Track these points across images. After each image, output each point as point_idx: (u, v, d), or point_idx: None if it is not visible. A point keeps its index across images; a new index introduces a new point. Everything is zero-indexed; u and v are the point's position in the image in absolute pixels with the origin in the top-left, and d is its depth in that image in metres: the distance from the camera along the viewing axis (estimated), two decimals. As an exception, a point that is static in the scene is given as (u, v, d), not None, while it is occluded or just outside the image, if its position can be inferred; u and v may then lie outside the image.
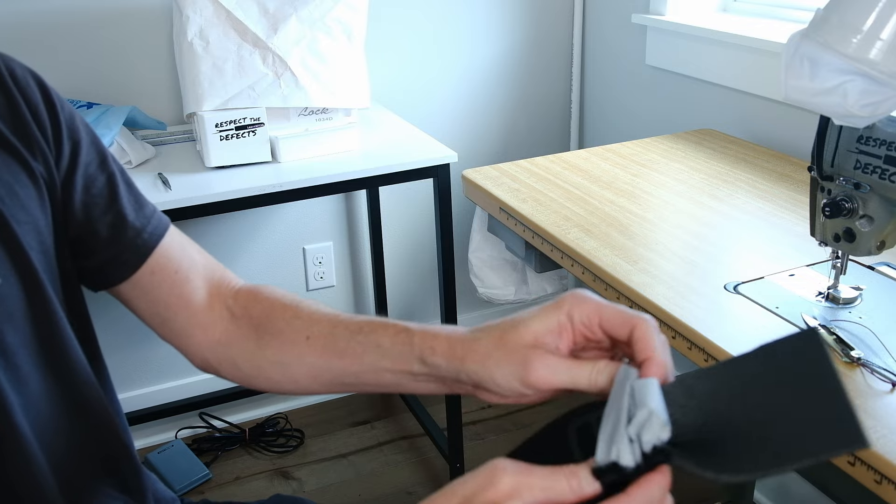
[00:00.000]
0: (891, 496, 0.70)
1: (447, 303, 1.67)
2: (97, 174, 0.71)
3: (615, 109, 2.06)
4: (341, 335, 0.69)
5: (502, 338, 0.57)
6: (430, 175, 1.57)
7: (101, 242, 0.71)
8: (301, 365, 0.70)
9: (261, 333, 0.73)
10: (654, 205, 1.28)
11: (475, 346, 0.58)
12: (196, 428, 2.05)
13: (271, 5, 1.49)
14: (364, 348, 0.66)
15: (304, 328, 0.70)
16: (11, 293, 0.62)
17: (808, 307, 0.95)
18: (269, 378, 0.73)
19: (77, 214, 0.70)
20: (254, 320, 0.74)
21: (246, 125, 1.49)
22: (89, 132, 0.72)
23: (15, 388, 0.61)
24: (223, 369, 0.75)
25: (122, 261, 0.72)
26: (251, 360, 0.73)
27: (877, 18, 0.74)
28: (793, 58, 0.79)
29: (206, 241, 1.91)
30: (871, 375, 0.81)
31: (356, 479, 1.91)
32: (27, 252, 0.63)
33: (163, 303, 0.74)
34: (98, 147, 0.72)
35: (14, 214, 0.62)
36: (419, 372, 0.63)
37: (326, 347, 0.69)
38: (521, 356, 0.56)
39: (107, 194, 0.71)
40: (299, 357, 0.70)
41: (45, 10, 1.64)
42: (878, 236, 0.89)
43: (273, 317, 0.73)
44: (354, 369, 0.67)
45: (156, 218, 0.74)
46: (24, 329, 0.63)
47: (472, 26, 2.02)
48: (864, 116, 0.77)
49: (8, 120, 0.65)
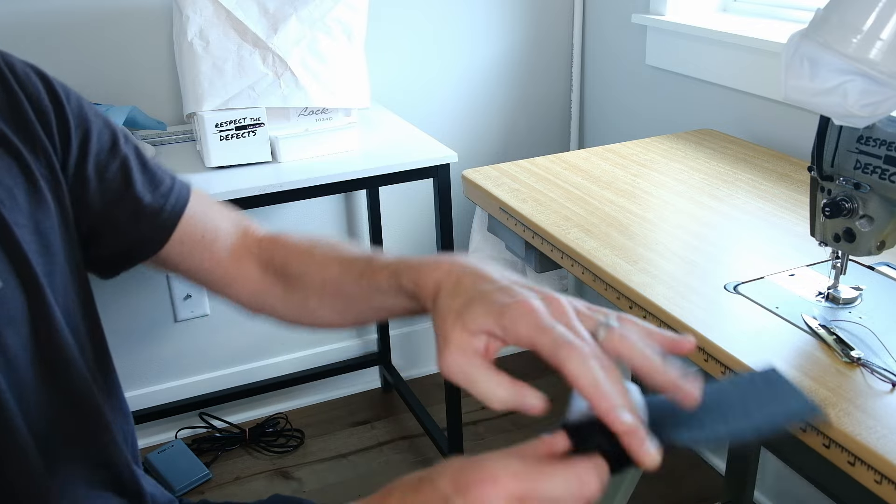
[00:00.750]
0: (891, 496, 0.70)
1: (447, 303, 1.67)
2: (109, 160, 0.71)
3: (615, 109, 2.06)
4: (347, 281, 0.71)
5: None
6: (430, 175, 1.57)
7: (121, 228, 0.72)
8: (323, 307, 0.74)
9: (286, 280, 0.76)
10: (654, 205, 1.28)
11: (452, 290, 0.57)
12: (196, 428, 2.05)
13: (271, 5, 1.49)
14: (368, 292, 0.68)
15: (319, 274, 0.73)
16: (12, 297, 0.62)
17: (808, 307, 0.95)
18: (307, 318, 0.77)
19: (94, 205, 0.70)
20: (278, 268, 0.76)
21: (246, 125, 1.49)
22: (99, 117, 0.72)
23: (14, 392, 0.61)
24: (267, 315, 0.79)
25: (146, 242, 0.74)
26: (286, 305, 0.77)
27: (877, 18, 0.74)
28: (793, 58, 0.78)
29: (206, 241, 1.91)
30: (871, 375, 0.81)
31: (356, 479, 1.91)
32: (27, 255, 0.63)
33: (196, 266, 0.77)
34: (110, 131, 0.72)
35: (14, 218, 0.62)
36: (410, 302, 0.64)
37: (340, 292, 0.72)
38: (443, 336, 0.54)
39: (121, 179, 0.72)
40: (321, 300, 0.74)
41: (45, 10, 1.64)
42: (878, 236, 0.89)
43: (292, 263, 0.75)
44: (367, 308, 0.71)
45: (175, 192, 0.75)
46: (24, 332, 0.63)
47: (472, 26, 2.02)
48: (864, 116, 0.77)
49: (9, 118, 0.64)
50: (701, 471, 1.89)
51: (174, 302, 1.94)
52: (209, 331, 2.01)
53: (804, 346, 0.88)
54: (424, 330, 2.26)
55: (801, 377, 0.82)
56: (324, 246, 0.75)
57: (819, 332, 0.89)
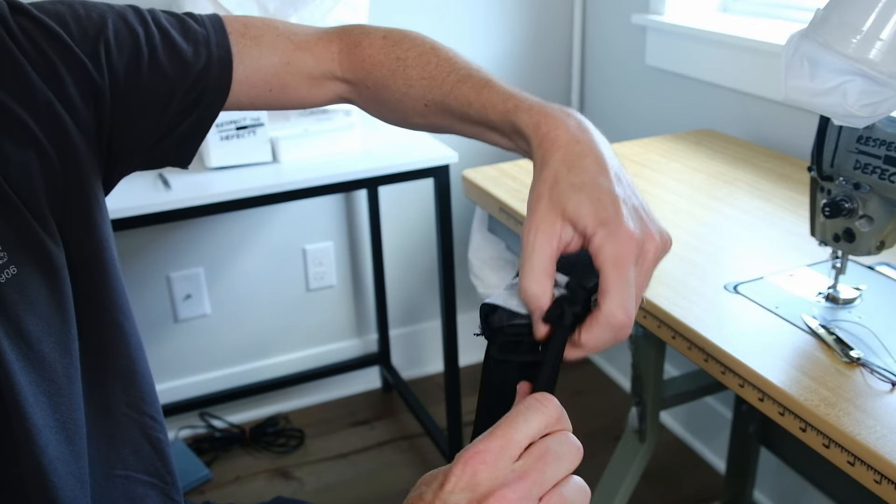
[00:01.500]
0: (891, 496, 0.70)
1: (447, 303, 1.67)
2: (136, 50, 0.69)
3: (615, 110, 2.06)
4: (453, 106, 0.71)
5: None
6: (430, 175, 1.57)
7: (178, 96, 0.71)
8: (422, 119, 0.75)
9: (381, 99, 0.76)
10: (654, 205, 1.27)
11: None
12: (196, 428, 2.05)
13: (271, 5, 1.49)
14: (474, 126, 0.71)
15: (421, 97, 0.73)
16: (31, 280, 0.61)
17: (807, 307, 0.95)
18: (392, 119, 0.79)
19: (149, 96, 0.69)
20: (370, 89, 0.77)
21: (246, 125, 1.49)
22: (103, 15, 0.69)
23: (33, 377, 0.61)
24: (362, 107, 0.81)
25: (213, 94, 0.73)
26: (378, 111, 0.79)
27: (877, 18, 0.74)
28: (793, 58, 0.79)
29: (207, 241, 1.91)
30: (871, 375, 0.82)
31: (356, 479, 1.91)
32: (43, 237, 0.62)
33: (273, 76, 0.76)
34: (120, 19, 0.69)
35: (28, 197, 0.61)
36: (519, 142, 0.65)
37: (443, 114, 0.72)
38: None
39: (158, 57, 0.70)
40: (422, 117, 0.75)
41: (45, 11, 1.64)
42: (877, 236, 0.89)
43: (388, 87, 0.75)
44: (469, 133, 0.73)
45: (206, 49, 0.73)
46: (46, 315, 0.62)
47: (471, 26, 2.02)
48: (864, 116, 0.77)
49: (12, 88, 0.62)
50: (701, 471, 1.89)
51: (174, 302, 1.94)
52: (209, 331, 2.01)
53: (804, 346, 0.88)
54: (424, 330, 2.26)
55: (801, 377, 0.82)
56: (418, 61, 0.74)
57: (819, 332, 0.89)
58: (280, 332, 2.10)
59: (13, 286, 0.60)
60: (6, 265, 0.59)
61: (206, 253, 1.93)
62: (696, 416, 1.93)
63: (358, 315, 2.19)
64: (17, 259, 0.60)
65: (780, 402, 0.81)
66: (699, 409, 1.90)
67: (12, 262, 0.60)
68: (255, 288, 2.02)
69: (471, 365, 2.31)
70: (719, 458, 1.86)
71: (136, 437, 0.73)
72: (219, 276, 1.97)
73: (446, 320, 1.69)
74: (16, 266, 0.60)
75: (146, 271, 1.90)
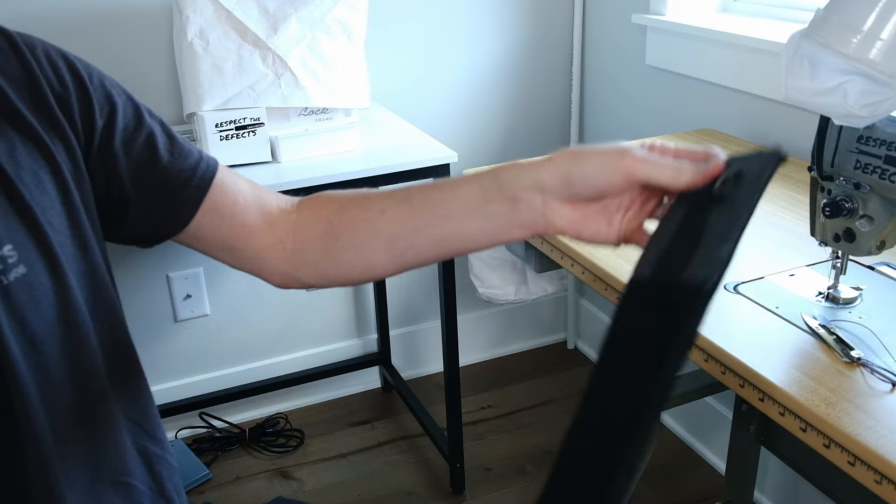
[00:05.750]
0: (891, 496, 0.70)
1: (447, 303, 1.67)
2: (136, 135, 0.71)
3: (615, 110, 2.06)
4: (415, 195, 0.71)
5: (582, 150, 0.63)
6: (430, 175, 1.57)
7: (153, 201, 0.72)
8: (375, 238, 0.72)
9: (332, 226, 0.75)
10: (654, 205, 1.28)
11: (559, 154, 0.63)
12: (196, 428, 2.05)
13: (271, 5, 1.49)
14: (439, 201, 0.69)
15: (379, 204, 0.73)
16: (38, 281, 0.62)
17: (808, 307, 0.95)
18: (347, 266, 0.75)
19: (124, 181, 0.70)
20: (323, 220, 0.76)
21: (246, 125, 1.49)
22: (123, 93, 0.72)
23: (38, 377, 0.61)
24: (303, 275, 0.77)
25: (178, 211, 0.73)
26: (327, 255, 0.75)
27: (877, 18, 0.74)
28: (793, 58, 0.78)
29: (206, 241, 1.91)
30: (871, 375, 0.82)
31: (356, 479, 1.91)
32: (51, 240, 0.63)
33: (229, 236, 0.76)
34: (133, 105, 0.72)
35: (39, 202, 0.62)
36: (494, 198, 0.65)
37: (401, 212, 0.71)
38: (614, 148, 0.60)
39: (148, 153, 0.71)
40: (374, 232, 0.72)
41: (45, 11, 1.64)
42: (878, 236, 0.89)
43: (345, 205, 0.76)
44: (428, 221, 0.70)
45: (203, 163, 0.75)
46: (50, 317, 0.63)
47: (472, 26, 2.02)
48: (864, 116, 0.77)
49: (29, 102, 0.64)
50: (701, 471, 1.89)
51: (174, 302, 1.94)
52: (209, 331, 2.01)
53: (804, 346, 0.88)
54: (424, 330, 2.26)
55: (801, 377, 0.82)
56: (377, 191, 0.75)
57: (819, 332, 0.89)
58: (280, 332, 2.10)
59: (21, 286, 0.60)
60: (16, 264, 0.60)
61: (206, 253, 1.93)
62: (696, 416, 1.93)
63: (358, 315, 2.19)
64: (26, 259, 0.61)
65: (781, 402, 0.81)
66: (699, 409, 1.90)
67: (22, 261, 0.60)
68: (255, 288, 2.02)
69: (471, 365, 2.32)
70: (719, 458, 1.86)
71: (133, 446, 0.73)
72: (219, 276, 1.97)
73: (446, 320, 1.69)
74: (25, 266, 0.61)
75: (146, 271, 1.89)
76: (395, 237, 0.71)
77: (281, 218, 0.77)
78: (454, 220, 0.68)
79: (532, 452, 1.97)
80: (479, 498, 1.84)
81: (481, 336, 2.34)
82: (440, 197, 0.69)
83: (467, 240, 0.69)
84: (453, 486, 1.85)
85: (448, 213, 0.68)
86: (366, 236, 0.72)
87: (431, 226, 0.69)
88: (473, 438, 2.02)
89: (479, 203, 0.66)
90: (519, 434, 2.04)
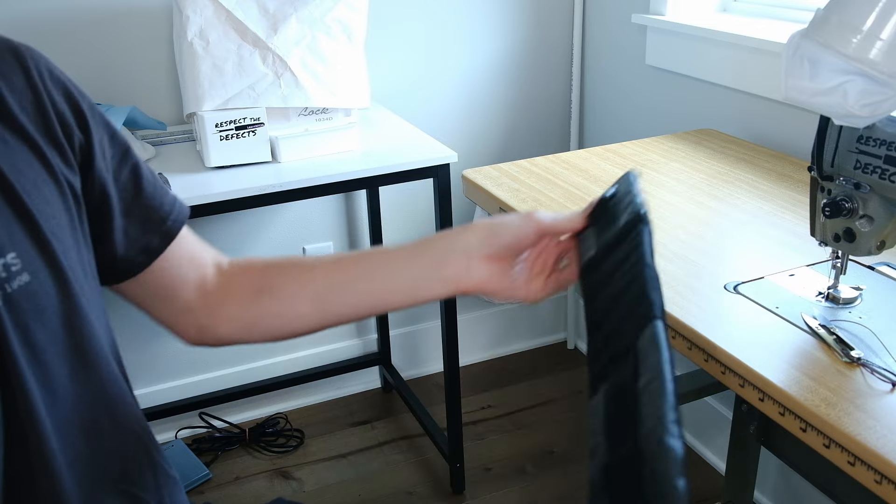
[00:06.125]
0: (891, 496, 0.70)
1: (447, 303, 1.67)
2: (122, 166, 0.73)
3: (615, 109, 2.06)
4: (346, 256, 0.78)
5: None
6: (430, 175, 1.57)
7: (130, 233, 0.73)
8: (303, 291, 0.76)
9: (262, 280, 0.78)
10: (654, 205, 1.28)
11: (477, 222, 0.73)
12: (196, 428, 2.05)
13: (271, 5, 1.49)
14: (369, 258, 0.76)
15: (310, 262, 0.78)
16: (41, 290, 0.62)
17: (808, 307, 0.95)
18: (271, 318, 0.78)
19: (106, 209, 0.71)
20: (254, 275, 0.79)
21: (246, 125, 1.49)
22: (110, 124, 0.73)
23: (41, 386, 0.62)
24: (223, 329, 0.79)
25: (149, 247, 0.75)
26: (252, 307, 0.78)
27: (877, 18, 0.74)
28: (793, 58, 0.78)
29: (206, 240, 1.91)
30: (871, 375, 0.81)
31: (356, 479, 1.91)
32: (55, 248, 0.63)
33: (171, 285, 0.77)
34: (120, 138, 0.73)
35: (41, 210, 0.63)
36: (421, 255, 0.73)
37: (330, 268, 0.76)
38: (524, 212, 0.74)
39: (132, 185, 0.73)
40: (302, 285, 0.76)
41: (45, 11, 1.64)
42: (878, 236, 0.89)
43: (277, 263, 0.79)
44: (356, 275, 0.76)
45: (177, 205, 0.78)
46: (53, 326, 0.63)
47: (472, 26, 2.02)
48: (864, 116, 0.77)
49: (32, 115, 0.65)
50: (701, 471, 1.89)
51: (174, 302, 1.94)
52: (209, 331, 2.01)
53: (804, 346, 0.88)
54: (424, 330, 2.26)
55: (801, 377, 0.82)
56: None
57: (819, 332, 0.89)
58: (280, 332, 2.10)
59: (24, 294, 0.60)
60: (20, 272, 0.60)
61: (206, 253, 1.93)
62: (696, 416, 1.93)
63: (358, 315, 2.18)
64: (30, 267, 0.61)
65: (781, 402, 0.81)
66: (699, 409, 1.90)
67: (25, 269, 0.61)
68: (255, 288, 2.02)
69: (471, 365, 2.32)
70: (719, 458, 1.86)
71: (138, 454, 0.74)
72: (219, 276, 1.97)
73: (446, 320, 1.69)
74: (29, 274, 0.61)
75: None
76: (322, 290, 0.76)
77: (213, 271, 0.80)
78: (381, 275, 0.74)
79: (532, 452, 1.97)
80: (479, 498, 1.84)
81: (481, 336, 2.34)
82: (369, 256, 0.77)
83: (392, 294, 0.75)
84: (453, 486, 1.85)
85: (376, 268, 0.75)
86: (294, 289, 0.76)
87: (359, 280, 0.75)
88: (473, 438, 2.02)
89: (406, 260, 0.74)
90: (519, 434, 2.04)
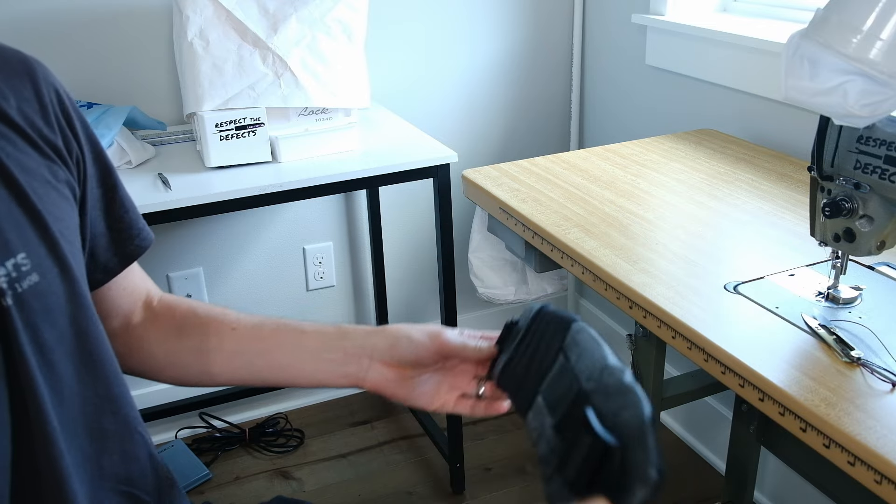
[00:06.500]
0: (891, 496, 0.70)
1: (447, 303, 1.67)
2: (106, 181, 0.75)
3: (615, 109, 2.06)
4: (268, 325, 0.81)
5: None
6: (430, 175, 1.57)
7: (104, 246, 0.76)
8: (220, 352, 0.79)
9: (185, 326, 0.81)
10: (654, 205, 1.28)
11: (389, 326, 0.76)
12: (196, 428, 2.05)
13: (271, 5, 1.49)
14: (286, 335, 0.79)
15: (233, 321, 0.81)
16: (50, 289, 0.62)
17: (808, 307, 0.95)
18: (183, 366, 0.81)
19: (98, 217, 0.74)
20: (178, 318, 0.82)
21: (246, 125, 1.49)
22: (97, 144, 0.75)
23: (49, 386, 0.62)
24: (135, 362, 0.81)
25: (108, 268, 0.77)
26: (169, 348, 0.81)
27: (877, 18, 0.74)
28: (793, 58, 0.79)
29: (206, 241, 1.91)
30: (871, 375, 0.82)
31: (356, 479, 1.91)
32: (63, 249, 0.64)
33: (112, 307, 0.81)
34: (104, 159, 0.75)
35: (50, 212, 0.64)
36: (331, 348, 0.77)
37: (251, 333, 0.80)
38: (434, 326, 0.76)
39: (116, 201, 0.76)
40: (219, 344, 0.79)
41: (45, 10, 1.64)
42: (878, 236, 0.89)
43: (203, 312, 0.82)
44: (271, 349, 0.79)
45: (144, 227, 0.81)
46: (61, 326, 0.64)
47: (472, 26, 2.02)
48: (864, 116, 0.77)
49: (42, 125, 0.67)
50: (701, 471, 1.89)
51: (174, 302, 1.94)
52: (209, 331, 2.01)
53: (804, 346, 0.88)
54: (424, 330, 2.26)
55: (801, 377, 0.82)
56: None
57: (819, 332, 0.89)
58: (280, 332, 2.10)
59: (34, 294, 0.61)
60: (29, 272, 0.61)
61: (206, 253, 1.93)
62: (696, 416, 1.93)
63: (358, 315, 2.19)
64: (39, 268, 0.62)
65: (781, 402, 0.81)
66: (699, 409, 1.90)
67: (35, 269, 0.61)
68: (255, 288, 2.02)
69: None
70: (719, 458, 1.86)
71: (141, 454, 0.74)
72: (219, 275, 1.97)
73: (446, 320, 1.69)
74: (38, 274, 0.61)
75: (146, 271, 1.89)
76: (237, 353, 0.79)
77: (143, 304, 0.84)
78: (293, 356, 0.78)
79: (532, 452, 1.97)
80: (479, 498, 1.84)
81: (481, 336, 2.33)
82: (288, 333, 0.79)
83: (299, 374, 0.78)
84: (453, 486, 1.85)
85: (291, 348, 0.78)
86: (212, 344, 0.79)
87: (272, 353, 0.79)
88: (473, 438, 2.02)
89: (318, 348, 0.77)
90: (519, 434, 2.04)
